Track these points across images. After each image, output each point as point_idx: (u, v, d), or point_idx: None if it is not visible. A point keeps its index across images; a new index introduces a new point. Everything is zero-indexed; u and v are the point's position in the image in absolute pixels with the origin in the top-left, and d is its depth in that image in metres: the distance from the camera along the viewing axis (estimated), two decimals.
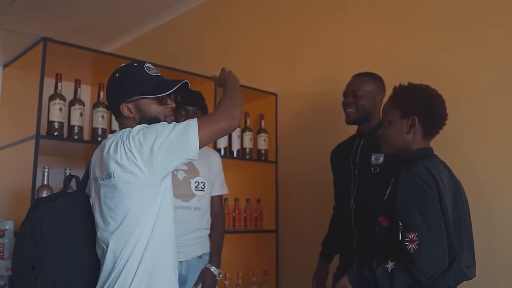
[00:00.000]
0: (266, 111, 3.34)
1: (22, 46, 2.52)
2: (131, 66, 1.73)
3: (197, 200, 2.35)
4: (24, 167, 2.32)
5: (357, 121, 2.27)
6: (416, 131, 1.76)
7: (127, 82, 1.68)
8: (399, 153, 1.82)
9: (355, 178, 2.22)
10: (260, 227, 3.20)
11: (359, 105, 2.23)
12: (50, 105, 2.42)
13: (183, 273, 2.29)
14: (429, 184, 1.61)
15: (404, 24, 2.68)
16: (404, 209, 1.62)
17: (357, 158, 2.24)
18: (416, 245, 1.56)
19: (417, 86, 1.80)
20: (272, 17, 3.47)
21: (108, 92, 1.73)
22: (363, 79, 2.28)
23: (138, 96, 1.67)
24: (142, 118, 1.68)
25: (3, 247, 2.21)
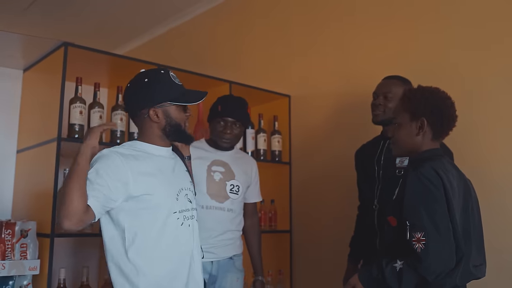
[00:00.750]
0: (279, 113, 3.38)
1: (42, 50, 2.57)
2: (159, 73, 1.77)
3: (230, 202, 2.41)
4: (46, 169, 2.37)
5: (383, 123, 2.29)
6: (425, 133, 1.79)
7: (158, 88, 1.73)
8: (409, 154, 1.84)
9: (379, 179, 2.25)
10: (275, 227, 3.23)
11: (388, 107, 2.25)
12: (70, 108, 2.47)
13: (213, 273, 2.35)
14: (436, 185, 1.64)
15: (414, 25, 2.70)
16: (411, 209, 1.66)
17: (382, 160, 2.27)
18: (423, 244, 1.60)
19: (426, 89, 1.83)
20: (284, 19, 3.50)
21: (135, 96, 1.76)
22: (394, 82, 2.30)
23: (167, 102, 1.73)
24: (168, 124, 1.75)
25: (26, 247, 2.26)
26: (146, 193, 1.67)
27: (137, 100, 1.75)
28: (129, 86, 1.79)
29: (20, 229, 2.26)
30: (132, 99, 1.77)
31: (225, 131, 2.43)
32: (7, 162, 2.77)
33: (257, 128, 3.25)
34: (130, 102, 1.79)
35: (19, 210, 2.66)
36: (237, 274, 2.44)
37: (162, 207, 1.71)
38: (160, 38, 4.67)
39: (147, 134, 1.77)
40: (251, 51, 3.72)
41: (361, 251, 2.39)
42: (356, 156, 2.50)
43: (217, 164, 2.44)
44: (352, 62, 3.01)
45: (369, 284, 1.74)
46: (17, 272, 2.21)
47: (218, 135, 2.44)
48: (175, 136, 1.78)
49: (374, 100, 2.32)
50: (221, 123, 2.43)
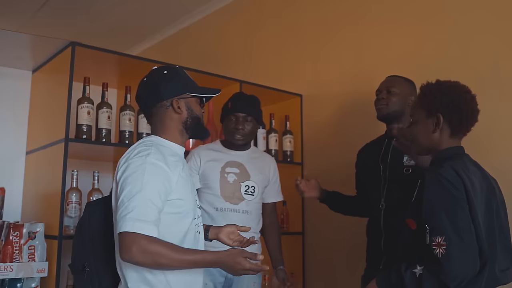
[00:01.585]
0: (291, 112, 3.33)
1: (50, 51, 2.56)
2: (175, 67, 1.75)
3: (245, 203, 2.36)
4: (53, 170, 2.35)
5: (388, 118, 2.24)
6: (442, 130, 1.70)
7: (178, 79, 1.70)
8: (429, 153, 1.77)
9: (385, 178, 2.20)
10: (287, 229, 3.18)
11: (391, 101, 2.21)
12: (78, 109, 2.44)
13: (229, 277, 2.29)
14: (457, 186, 1.56)
15: (429, 23, 2.64)
16: (430, 213, 1.58)
17: (388, 158, 2.22)
18: (444, 249, 1.51)
19: (443, 83, 1.74)
20: (296, 18, 3.45)
21: (154, 87, 1.70)
22: (398, 79, 2.28)
23: (188, 94, 1.70)
24: (189, 116, 1.70)
25: (34, 249, 2.24)
26: (179, 197, 1.62)
27: (158, 90, 1.68)
28: (146, 79, 1.73)
29: (28, 231, 2.24)
30: (151, 90, 1.70)
31: (237, 126, 2.38)
32: (17, 164, 2.76)
33: (269, 128, 3.20)
34: (148, 94, 1.71)
35: (28, 211, 2.65)
36: (254, 278, 2.37)
37: (189, 213, 1.66)
38: (170, 38, 4.66)
39: (167, 128, 1.69)
40: (262, 50, 3.68)
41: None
42: (358, 156, 2.47)
43: (231, 165, 2.39)
44: (364, 61, 2.95)
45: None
46: (25, 274, 2.19)
47: (230, 132, 2.40)
48: (193, 130, 1.73)
49: (377, 96, 2.29)
50: (232, 119, 2.40)
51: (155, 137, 1.70)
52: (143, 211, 1.48)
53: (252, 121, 2.42)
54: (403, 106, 2.23)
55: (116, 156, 2.84)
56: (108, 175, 2.94)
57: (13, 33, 2.43)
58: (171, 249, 1.50)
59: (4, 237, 2.21)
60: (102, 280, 1.63)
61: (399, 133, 2.02)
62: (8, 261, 2.15)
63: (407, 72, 2.51)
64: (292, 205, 3.21)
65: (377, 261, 2.17)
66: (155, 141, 1.67)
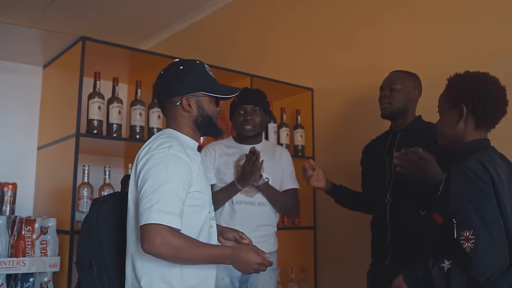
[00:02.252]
0: (302, 107, 3.30)
1: (61, 46, 2.56)
2: (194, 62, 1.71)
3: (260, 195, 2.37)
4: (65, 165, 2.36)
5: (392, 115, 2.25)
6: (467, 121, 1.66)
7: (193, 76, 1.67)
8: (454, 145, 1.72)
9: (391, 172, 2.19)
10: (298, 224, 3.17)
11: (394, 98, 2.22)
12: (89, 104, 2.44)
13: None
14: (484, 179, 1.53)
15: (441, 16, 2.60)
16: (458, 206, 1.55)
17: (394, 153, 2.16)
18: (472, 243, 1.48)
19: (469, 74, 1.70)
20: (307, 12, 3.42)
21: (168, 82, 1.68)
22: (400, 74, 2.27)
23: (201, 92, 1.67)
24: (199, 115, 1.68)
25: (46, 244, 2.25)
26: (198, 190, 1.60)
27: (170, 86, 1.67)
28: (163, 73, 1.71)
29: (40, 226, 2.25)
30: (164, 85, 1.69)
31: (246, 118, 2.38)
32: (28, 159, 2.77)
33: (280, 122, 3.18)
34: (162, 88, 1.70)
35: (40, 207, 2.66)
36: (271, 273, 2.36)
37: (206, 206, 1.65)
38: (181, 33, 4.64)
39: (179, 124, 1.68)
40: (273, 45, 3.66)
41: None
42: (364, 152, 2.47)
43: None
44: (376, 55, 2.92)
45: (415, 285, 1.64)
46: (38, 269, 2.20)
47: (240, 125, 2.40)
48: (205, 128, 1.71)
49: (380, 93, 2.28)
50: (240, 112, 2.40)
51: (171, 130, 1.68)
52: (169, 203, 1.47)
53: (261, 112, 2.42)
54: (407, 102, 2.23)
55: (127, 151, 2.84)
56: (119, 170, 2.95)
57: (23, 28, 2.43)
58: (192, 243, 1.49)
59: (16, 232, 2.22)
60: (110, 277, 1.62)
61: (399, 156, 1.94)
62: (21, 256, 2.17)
63: (419, 66, 2.48)
64: (304, 199, 3.18)
65: (383, 257, 2.18)
66: (173, 134, 1.65)
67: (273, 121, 3.13)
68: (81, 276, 1.71)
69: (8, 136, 2.76)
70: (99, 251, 1.64)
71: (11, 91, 2.80)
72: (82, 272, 1.69)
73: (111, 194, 1.86)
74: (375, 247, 2.29)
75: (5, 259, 2.12)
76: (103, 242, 1.65)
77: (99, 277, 1.62)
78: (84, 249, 1.68)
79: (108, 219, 1.68)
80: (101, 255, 1.63)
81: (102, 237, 1.65)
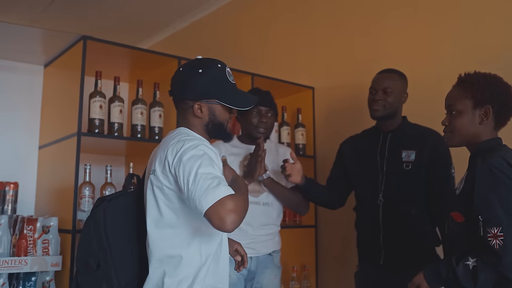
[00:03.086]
0: (303, 105, 3.30)
1: (62, 45, 2.55)
2: (215, 66, 1.66)
3: (266, 195, 2.36)
4: (66, 164, 2.36)
5: (383, 118, 2.26)
6: (488, 121, 1.66)
7: (209, 82, 1.62)
8: (466, 145, 1.72)
9: (383, 173, 2.21)
10: (299, 222, 3.17)
11: (388, 102, 2.22)
12: (90, 103, 2.44)
13: (252, 269, 2.32)
14: (509, 175, 1.52)
15: (443, 11, 2.60)
16: (484, 203, 1.54)
17: (386, 153, 2.23)
18: (501, 240, 1.48)
19: (488, 75, 1.69)
20: (308, 10, 3.42)
21: (184, 83, 1.64)
22: (392, 76, 2.26)
23: (215, 100, 1.63)
24: (210, 122, 1.65)
25: (48, 243, 2.25)
26: None
27: (185, 88, 1.63)
28: (182, 70, 1.67)
29: (41, 225, 2.25)
30: (180, 85, 1.65)
31: (262, 120, 2.36)
32: (30, 158, 2.77)
33: (281, 121, 3.18)
34: (177, 87, 1.66)
35: (42, 206, 2.66)
36: (275, 271, 2.40)
37: None
38: (182, 31, 4.64)
39: (191, 124, 1.65)
40: (274, 43, 3.65)
41: None
42: (344, 150, 2.46)
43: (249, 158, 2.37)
44: (377, 53, 2.92)
45: (438, 284, 1.63)
46: (40, 268, 2.20)
47: (254, 126, 2.36)
48: (215, 133, 1.68)
49: (372, 95, 2.27)
50: (254, 113, 2.35)
51: (185, 129, 1.65)
52: (218, 177, 1.45)
53: (273, 115, 2.42)
54: (399, 103, 2.25)
55: (128, 150, 2.84)
56: (120, 169, 2.95)
57: (24, 27, 2.43)
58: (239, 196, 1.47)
59: (18, 231, 2.22)
60: (120, 279, 1.57)
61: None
62: (23, 255, 2.16)
63: (420, 64, 2.48)
64: None
65: (376, 257, 2.19)
66: (190, 134, 1.63)
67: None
68: (85, 278, 1.64)
69: (10, 135, 2.76)
70: (109, 252, 1.58)
71: (12, 90, 2.80)
72: (87, 275, 1.62)
73: (117, 193, 1.81)
74: (365, 248, 2.30)
75: (7, 259, 2.12)
76: (113, 243, 1.60)
77: (107, 280, 1.57)
78: (90, 250, 1.61)
79: (117, 219, 1.64)
80: (111, 256, 1.58)
81: (111, 238, 1.60)
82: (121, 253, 1.61)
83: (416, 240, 2.14)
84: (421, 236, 2.16)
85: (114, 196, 1.71)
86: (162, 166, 1.54)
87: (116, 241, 1.61)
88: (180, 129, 1.65)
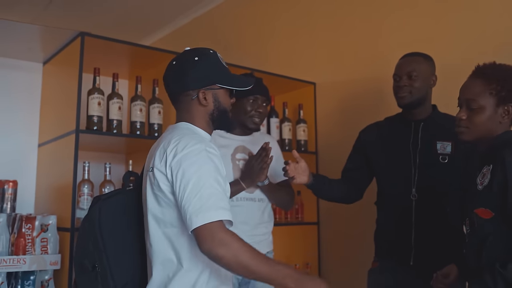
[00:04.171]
0: (304, 101, 3.27)
1: (60, 42, 2.54)
2: (208, 52, 1.63)
3: (259, 191, 2.24)
4: (65, 162, 2.34)
5: (412, 105, 2.08)
6: (508, 119, 1.59)
7: (208, 68, 1.59)
8: (481, 140, 1.63)
9: (415, 165, 2.05)
10: (301, 219, 3.14)
11: (415, 87, 2.04)
12: (89, 100, 2.42)
13: (244, 281, 2.19)
14: None
15: (446, 8, 2.56)
16: None
17: (419, 144, 2.06)
18: None
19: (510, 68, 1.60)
20: (310, 6, 3.38)
21: (182, 75, 1.59)
22: (417, 59, 2.09)
23: (217, 84, 1.60)
24: (216, 109, 1.60)
25: (47, 241, 2.24)
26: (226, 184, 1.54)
27: (185, 79, 1.58)
28: (175, 63, 1.61)
29: (40, 223, 2.23)
30: (178, 77, 1.59)
31: (258, 109, 2.22)
32: (29, 156, 2.76)
33: (282, 117, 3.15)
34: (175, 80, 1.60)
35: (41, 204, 2.65)
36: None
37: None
38: (184, 28, 4.62)
39: (194, 118, 1.60)
40: (275, 38, 3.62)
41: None
42: (365, 137, 2.28)
43: (240, 151, 2.25)
44: (379, 47, 2.88)
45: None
46: (38, 267, 2.19)
47: (249, 116, 2.22)
48: (219, 122, 1.63)
49: (397, 82, 2.11)
50: (250, 101, 2.21)
51: (187, 124, 1.60)
52: (221, 197, 1.42)
53: (267, 105, 2.30)
54: (427, 88, 2.09)
55: (127, 147, 2.82)
56: (120, 167, 2.93)
57: (22, 24, 2.40)
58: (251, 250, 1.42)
59: (16, 230, 2.20)
60: (116, 281, 1.52)
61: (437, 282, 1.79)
62: (21, 254, 2.15)
63: None
64: (307, 195, 3.15)
65: (405, 256, 2.01)
66: (191, 129, 1.58)
67: (275, 116, 3.10)
68: (82, 280, 1.59)
69: (9, 133, 2.74)
70: (104, 253, 1.53)
71: (11, 88, 2.78)
72: (82, 276, 1.58)
73: (113, 191, 1.75)
74: (390, 246, 2.10)
75: (6, 257, 2.10)
76: (108, 244, 1.54)
77: (103, 281, 1.51)
78: (85, 250, 1.56)
79: (113, 218, 1.59)
80: (106, 257, 1.52)
81: (106, 238, 1.54)
82: (117, 254, 1.54)
83: (449, 239, 1.96)
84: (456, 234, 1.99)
85: (110, 195, 1.65)
86: (162, 163, 1.49)
87: (112, 241, 1.55)
88: (181, 124, 1.60)
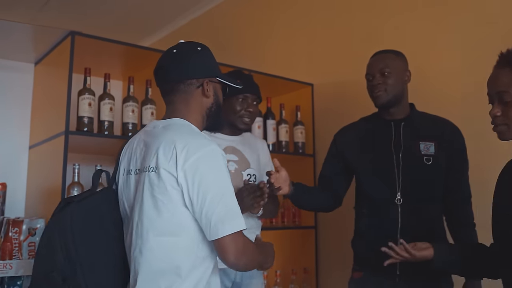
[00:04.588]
0: (302, 103, 3.21)
1: (51, 42, 2.48)
2: (205, 46, 1.57)
3: None
4: (54, 164, 2.28)
5: (389, 104, 2.00)
6: None
7: (211, 60, 1.54)
8: None
9: (399, 168, 1.95)
10: (298, 223, 3.08)
11: (389, 84, 1.97)
12: (79, 100, 2.36)
13: (237, 280, 2.10)
14: None
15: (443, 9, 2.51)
16: None
17: (402, 145, 1.97)
18: None
19: None
20: (307, 6, 3.34)
21: (188, 62, 1.49)
22: (388, 56, 2.03)
23: (216, 78, 1.54)
24: (215, 103, 1.54)
25: (34, 246, 2.17)
26: None
27: (190, 66, 1.48)
28: (176, 51, 1.51)
29: (28, 227, 2.17)
30: (181, 64, 1.48)
31: (248, 109, 2.11)
32: (20, 159, 2.70)
33: (279, 119, 3.09)
34: (177, 67, 1.49)
35: (31, 207, 2.59)
36: (261, 279, 2.19)
37: None
38: (182, 29, 4.59)
39: (191, 111, 1.49)
40: (272, 39, 3.58)
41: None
42: (340, 140, 2.20)
43: (229, 151, 2.13)
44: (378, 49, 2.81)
45: None
46: (25, 272, 2.12)
47: (239, 116, 2.10)
48: (212, 119, 1.54)
49: (370, 82, 2.03)
50: (239, 100, 2.09)
51: (182, 120, 1.48)
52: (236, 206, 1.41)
53: (258, 103, 2.20)
54: (402, 86, 2.02)
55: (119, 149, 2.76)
56: (111, 169, 2.86)
57: (13, 23, 2.35)
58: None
59: (3, 234, 2.14)
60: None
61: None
62: (8, 259, 2.09)
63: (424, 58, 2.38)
64: None
65: (392, 267, 1.83)
66: (191, 127, 1.48)
67: (272, 118, 3.04)
68: None
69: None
70: (77, 262, 1.36)
71: (2, 89, 2.72)
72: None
73: (85, 192, 1.57)
74: (373, 254, 1.86)
75: None
76: (83, 252, 1.38)
77: None
78: (53, 262, 1.38)
79: (89, 223, 1.43)
80: (80, 267, 1.36)
81: (81, 247, 1.38)
82: (94, 265, 1.39)
83: None
84: (442, 240, 1.97)
85: (84, 196, 1.49)
86: (170, 163, 1.36)
87: (86, 249, 1.39)
88: (177, 120, 1.48)
